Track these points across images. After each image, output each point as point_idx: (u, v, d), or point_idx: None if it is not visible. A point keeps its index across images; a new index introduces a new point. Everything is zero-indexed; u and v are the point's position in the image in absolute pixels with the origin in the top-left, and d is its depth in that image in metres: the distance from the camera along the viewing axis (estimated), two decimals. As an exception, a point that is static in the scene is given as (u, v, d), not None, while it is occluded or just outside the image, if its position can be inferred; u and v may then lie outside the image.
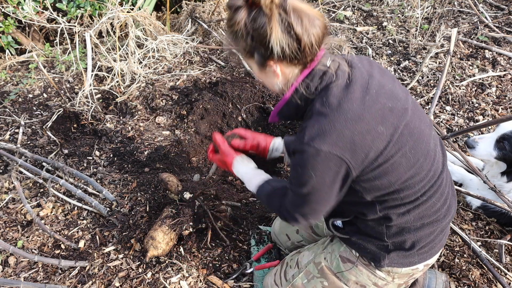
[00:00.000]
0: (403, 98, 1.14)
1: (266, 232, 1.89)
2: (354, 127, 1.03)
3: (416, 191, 1.14)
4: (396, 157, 1.08)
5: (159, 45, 3.28)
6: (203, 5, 3.76)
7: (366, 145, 1.04)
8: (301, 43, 1.04)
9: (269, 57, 1.08)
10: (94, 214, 2.02)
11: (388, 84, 1.15)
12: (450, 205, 1.26)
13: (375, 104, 1.07)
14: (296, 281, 1.44)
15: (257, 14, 1.03)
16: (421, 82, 2.85)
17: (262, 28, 1.03)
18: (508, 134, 1.82)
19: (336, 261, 1.36)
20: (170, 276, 1.69)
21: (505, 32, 3.24)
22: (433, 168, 1.17)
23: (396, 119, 1.08)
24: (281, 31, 1.02)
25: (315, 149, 1.03)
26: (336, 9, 3.82)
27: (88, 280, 1.71)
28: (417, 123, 1.14)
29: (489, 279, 1.71)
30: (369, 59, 1.25)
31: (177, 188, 1.88)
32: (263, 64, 1.12)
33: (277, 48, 1.04)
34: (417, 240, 1.21)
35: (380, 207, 1.17)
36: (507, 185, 1.91)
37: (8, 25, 3.25)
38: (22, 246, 1.88)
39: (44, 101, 2.92)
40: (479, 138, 1.94)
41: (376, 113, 1.06)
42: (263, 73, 1.17)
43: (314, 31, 1.05)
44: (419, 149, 1.12)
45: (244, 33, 1.06)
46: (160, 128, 2.69)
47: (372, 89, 1.09)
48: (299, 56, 1.07)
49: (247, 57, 1.15)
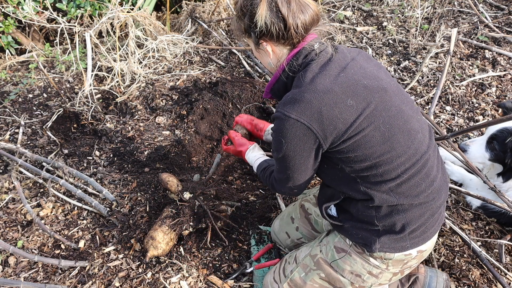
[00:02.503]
0: (384, 80, 1.20)
1: (266, 232, 1.89)
2: (322, 98, 1.10)
3: (394, 167, 1.17)
4: (367, 130, 1.13)
5: (159, 45, 3.28)
6: (203, 5, 3.76)
7: (333, 116, 1.11)
8: (286, 24, 1.15)
9: (260, 35, 1.20)
10: (94, 214, 2.02)
11: (371, 68, 1.22)
12: (439, 189, 1.27)
13: (348, 80, 1.14)
14: (294, 276, 1.45)
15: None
16: (421, 82, 2.85)
17: (252, 5, 1.17)
18: (497, 133, 1.82)
19: (331, 252, 1.38)
20: (170, 276, 1.69)
21: (505, 32, 3.24)
22: (413, 146, 1.19)
23: (370, 94, 1.14)
24: (267, 9, 1.14)
25: (285, 115, 1.12)
26: (336, 9, 3.82)
27: (88, 280, 1.71)
28: (397, 102, 1.19)
29: (489, 279, 1.71)
30: (361, 51, 1.31)
31: (177, 188, 1.88)
32: (257, 43, 1.25)
33: (261, 22, 1.15)
34: (406, 222, 1.22)
35: (361, 184, 1.21)
36: (503, 184, 1.92)
37: (8, 25, 3.25)
38: (22, 246, 1.88)
39: (44, 101, 2.92)
40: (470, 142, 1.95)
41: (348, 88, 1.13)
42: (258, 52, 1.29)
43: (301, 16, 1.16)
44: (395, 124, 1.16)
45: (240, 12, 1.22)
46: (160, 128, 2.69)
47: (349, 69, 1.17)
48: (285, 36, 1.18)
49: (246, 37, 1.28)
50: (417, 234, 1.25)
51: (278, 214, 1.97)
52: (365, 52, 1.31)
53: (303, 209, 1.67)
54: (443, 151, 2.29)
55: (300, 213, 1.68)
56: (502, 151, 1.82)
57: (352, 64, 1.19)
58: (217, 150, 2.67)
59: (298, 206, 1.70)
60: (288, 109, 1.12)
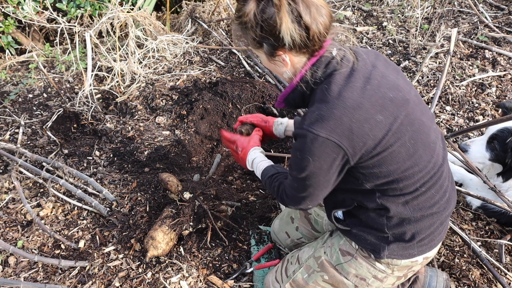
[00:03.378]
0: (405, 89, 1.16)
1: (266, 232, 1.89)
2: (352, 114, 1.05)
3: (415, 181, 1.16)
4: (395, 146, 1.10)
5: (159, 45, 3.28)
6: (203, 5, 3.76)
7: (364, 133, 1.06)
8: (309, 32, 1.07)
9: (279, 46, 1.11)
10: (94, 214, 2.02)
11: (391, 75, 1.17)
12: (449, 198, 1.26)
13: (375, 93, 1.09)
14: (297, 276, 1.44)
15: (266, 5, 1.05)
16: (421, 82, 2.85)
17: (271, 18, 1.05)
18: (497, 133, 1.82)
19: (336, 255, 1.37)
20: (170, 276, 1.69)
21: (505, 32, 3.24)
22: (432, 160, 1.18)
23: (396, 109, 1.10)
24: (291, 21, 1.04)
25: (313, 134, 1.06)
26: (336, 9, 3.82)
27: (88, 280, 1.71)
28: (418, 114, 1.16)
29: (489, 279, 1.71)
30: (376, 52, 1.27)
31: (177, 188, 1.88)
32: (272, 54, 1.15)
33: (288, 38, 1.06)
34: (417, 231, 1.22)
35: (379, 196, 1.19)
36: (503, 184, 1.92)
37: (8, 25, 3.25)
38: (22, 246, 1.88)
39: (44, 101, 2.92)
40: (470, 142, 1.94)
41: (376, 102, 1.08)
42: (272, 62, 1.19)
43: (321, 19, 1.07)
44: (418, 139, 1.14)
45: (254, 24, 1.09)
46: (160, 128, 2.69)
47: (374, 79, 1.11)
48: (308, 44, 1.10)
49: (255, 47, 1.17)
50: (425, 242, 1.25)
51: (278, 214, 1.97)
52: (381, 55, 1.27)
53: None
54: (443, 151, 2.30)
55: (300, 213, 1.68)
56: (503, 151, 1.82)
57: (375, 73, 1.14)
58: (217, 150, 2.67)
59: None
60: (317, 127, 1.05)
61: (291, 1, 1.04)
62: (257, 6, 1.07)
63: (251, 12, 1.08)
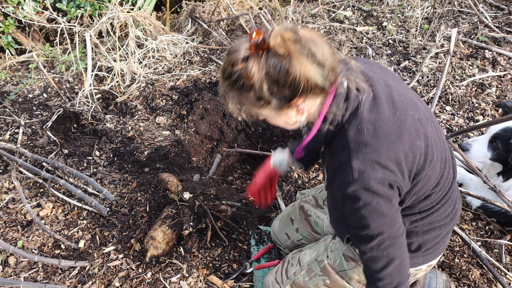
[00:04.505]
0: (420, 105, 1.13)
1: (266, 232, 1.89)
2: (397, 148, 0.99)
3: (434, 200, 1.15)
4: (428, 169, 1.07)
5: (159, 45, 3.28)
6: (203, 5, 3.76)
7: (409, 162, 1.03)
8: (325, 69, 0.96)
9: (296, 96, 0.97)
10: (94, 214, 2.02)
11: (405, 91, 1.12)
12: (457, 209, 1.27)
13: (406, 118, 1.03)
14: (298, 279, 1.44)
15: (272, 58, 0.92)
16: (421, 82, 2.84)
17: (284, 71, 0.92)
18: (500, 133, 1.82)
19: (339, 260, 1.36)
20: (170, 276, 1.69)
21: (505, 32, 3.24)
22: (449, 176, 1.17)
23: (423, 129, 1.07)
24: (310, 66, 0.93)
25: (368, 181, 0.98)
26: (336, 9, 3.82)
27: (88, 280, 1.71)
28: (434, 131, 1.12)
29: (489, 279, 1.71)
30: (378, 64, 1.22)
31: (177, 188, 1.88)
32: (283, 107, 1.01)
33: (310, 83, 0.95)
34: (423, 242, 1.22)
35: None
36: (504, 184, 1.91)
37: (8, 25, 3.25)
38: (22, 246, 1.88)
39: (44, 101, 2.92)
40: (472, 141, 1.93)
41: (411, 128, 1.03)
42: (282, 115, 1.05)
43: (327, 51, 0.97)
44: (440, 158, 1.12)
45: (262, 83, 0.94)
46: (160, 128, 2.69)
47: (397, 102, 1.06)
48: (325, 84, 0.98)
49: (259, 107, 1.01)
50: (431, 251, 1.25)
51: (278, 214, 1.97)
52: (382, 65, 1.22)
53: (303, 211, 1.66)
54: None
55: (300, 214, 1.67)
56: (505, 151, 1.81)
57: (394, 93, 1.07)
58: (217, 150, 2.67)
59: (298, 207, 1.69)
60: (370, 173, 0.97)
61: (300, 46, 0.93)
62: (259, 63, 0.93)
63: (256, 74, 0.93)
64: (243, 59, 0.94)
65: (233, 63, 0.95)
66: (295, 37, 0.93)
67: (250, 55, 0.94)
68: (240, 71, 0.94)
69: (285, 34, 0.92)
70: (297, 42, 0.93)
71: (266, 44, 0.92)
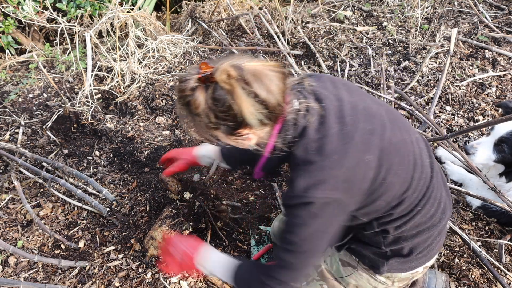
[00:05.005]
0: (377, 112, 1.12)
1: (266, 232, 1.89)
2: (342, 165, 1.00)
3: (410, 203, 1.14)
4: (389, 178, 1.07)
5: (159, 45, 3.28)
6: (203, 5, 3.76)
7: (359, 179, 1.03)
8: (269, 106, 0.99)
9: (240, 128, 1.02)
10: (94, 214, 2.02)
11: (359, 102, 1.12)
12: (445, 207, 1.24)
13: (355, 133, 1.04)
14: None
15: (217, 92, 0.97)
16: (421, 82, 2.84)
17: (227, 105, 0.97)
18: (506, 136, 1.82)
19: (336, 265, 1.36)
20: (170, 276, 1.69)
21: (505, 32, 3.24)
22: (423, 176, 1.15)
23: (379, 140, 1.06)
24: (251, 104, 0.97)
25: (310, 198, 0.99)
26: (336, 9, 3.82)
27: (88, 280, 1.71)
28: (398, 134, 1.12)
29: (489, 279, 1.71)
30: (331, 78, 1.21)
31: (177, 188, 1.88)
32: (232, 133, 1.06)
33: (251, 120, 0.99)
34: (414, 246, 1.21)
35: (377, 224, 1.18)
36: (507, 185, 1.91)
37: (8, 25, 3.25)
38: (22, 246, 1.88)
39: (44, 101, 2.92)
40: (477, 144, 1.92)
41: (359, 143, 1.03)
42: (232, 139, 1.11)
43: (275, 87, 1.00)
44: (406, 162, 1.11)
45: (207, 112, 1.00)
46: (160, 128, 2.69)
47: (347, 116, 1.06)
48: (270, 117, 1.02)
49: (211, 130, 1.07)
50: (424, 254, 1.24)
51: (278, 214, 1.97)
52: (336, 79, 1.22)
53: None
54: (443, 151, 2.29)
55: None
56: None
57: (344, 108, 1.08)
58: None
59: None
60: (313, 190, 0.99)
61: (244, 84, 0.96)
62: (206, 94, 0.98)
63: (202, 102, 0.98)
64: (192, 89, 0.99)
65: (183, 90, 1.01)
66: (240, 75, 0.96)
67: (197, 86, 0.99)
68: (189, 99, 1.00)
69: (231, 71, 0.95)
70: (241, 81, 0.96)
71: (213, 78, 0.97)
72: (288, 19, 3.47)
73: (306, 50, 3.29)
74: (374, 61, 3.06)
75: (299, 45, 3.37)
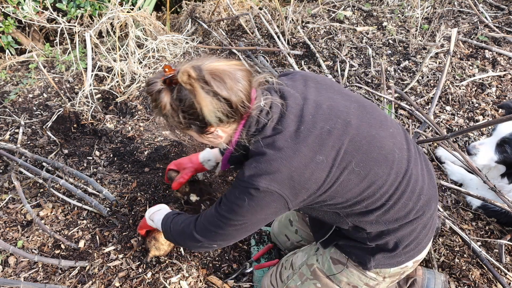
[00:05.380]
0: (344, 110, 1.12)
1: (266, 232, 1.89)
2: (290, 163, 1.03)
3: (377, 198, 1.12)
4: (342, 176, 1.07)
5: (159, 45, 3.28)
6: (203, 5, 3.76)
7: (305, 179, 1.04)
8: (232, 104, 1.04)
9: (207, 126, 1.08)
10: (94, 214, 2.02)
11: (326, 100, 1.13)
12: (428, 199, 1.22)
13: (311, 132, 1.06)
14: (290, 283, 1.45)
15: (180, 92, 1.02)
16: (421, 82, 2.85)
17: (190, 104, 1.02)
18: (509, 137, 1.82)
19: (328, 263, 1.37)
20: (170, 276, 1.69)
21: (505, 32, 3.24)
22: (392, 171, 1.13)
23: (337, 139, 1.07)
24: (210, 102, 1.01)
25: (253, 185, 1.04)
26: (336, 9, 3.82)
27: (88, 280, 1.71)
28: (366, 130, 1.11)
29: (489, 279, 1.71)
30: (305, 76, 1.23)
31: (184, 189, 1.85)
32: (203, 132, 1.12)
33: (212, 118, 1.04)
34: (399, 240, 1.21)
35: (347, 218, 1.18)
36: (509, 186, 1.91)
37: (8, 25, 3.25)
38: (22, 246, 1.88)
39: (44, 101, 2.92)
40: (479, 144, 1.91)
41: (313, 143, 1.05)
42: (205, 138, 1.17)
43: (239, 86, 1.04)
44: (370, 158, 1.10)
45: (174, 113, 1.06)
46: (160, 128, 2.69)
47: (307, 115, 1.09)
48: (234, 114, 1.07)
49: (184, 130, 1.14)
50: (411, 247, 1.24)
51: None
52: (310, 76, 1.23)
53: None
54: (443, 151, 2.29)
55: (298, 216, 1.68)
56: None
57: (307, 107, 1.10)
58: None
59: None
60: (257, 178, 1.04)
61: (203, 84, 1.00)
62: (171, 96, 1.04)
63: (168, 104, 1.05)
64: (158, 91, 1.06)
65: (150, 93, 1.08)
66: (199, 75, 1.00)
67: (162, 88, 1.05)
68: (156, 100, 1.07)
69: (190, 71, 1.00)
70: (200, 80, 1.00)
71: (176, 80, 1.02)
72: (288, 19, 3.47)
73: (306, 50, 3.29)
74: (374, 61, 3.06)
75: (299, 45, 3.37)
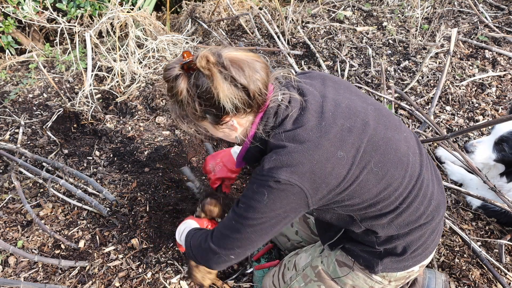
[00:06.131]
0: (362, 111, 1.12)
1: (266, 232, 1.89)
2: (312, 156, 1.01)
3: (392, 201, 1.12)
4: (362, 176, 1.07)
5: (159, 45, 3.28)
6: (203, 5, 3.76)
7: (326, 173, 1.02)
8: (249, 93, 1.04)
9: (223, 114, 1.07)
10: (94, 214, 2.02)
11: (344, 100, 1.13)
12: (438, 205, 1.23)
13: (332, 128, 1.05)
14: (294, 284, 1.44)
15: (198, 78, 1.02)
16: (421, 82, 2.84)
17: (207, 90, 1.02)
18: (507, 135, 1.82)
19: (333, 265, 1.36)
20: (170, 276, 1.69)
21: (505, 32, 3.24)
22: (407, 174, 1.13)
23: (357, 138, 1.06)
24: (227, 88, 1.01)
25: (274, 178, 1.01)
26: (336, 9, 3.82)
27: (88, 280, 1.71)
28: (382, 132, 1.11)
29: (489, 279, 1.71)
30: (322, 75, 1.22)
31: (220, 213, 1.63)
32: (218, 122, 1.11)
33: (228, 105, 1.03)
34: (407, 245, 1.20)
35: (361, 221, 1.17)
36: (508, 185, 1.91)
37: (8, 25, 3.25)
38: (22, 246, 1.88)
39: (44, 101, 2.92)
40: (477, 142, 1.91)
41: (334, 138, 1.04)
42: (220, 130, 1.16)
43: (258, 76, 1.05)
44: (387, 160, 1.10)
45: (190, 100, 1.05)
46: (160, 128, 2.69)
47: (327, 112, 1.08)
48: (251, 104, 1.07)
49: (199, 121, 1.13)
50: (419, 252, 1.24)
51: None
52: (327, 76, 1.22)
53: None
54: (443, 151, 2.29)
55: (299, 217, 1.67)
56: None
57: (326, 104, 1.10)
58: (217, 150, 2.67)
59: None
60: (277, 171, 1.01)
61: (222, 69, 1.00)
62: (188, 81, 1.04)
63: (184, 89, 1.04)
64: (175, 76, 1.05)
65: (167, 79, 1.07)
66: (218, 60, 1.00)
67: (180, 73, 1.04)
68: (173, 86, 1.06)
69: (209, 56, 1.00)
70: (219, 65, 1.00)
71: (194, 65, 1.01)
72: (288, 19, 3.47)
73: (306, 50, 3.29)
74: (374, 61, 3.06)
75: (299, 45, 3.37)
